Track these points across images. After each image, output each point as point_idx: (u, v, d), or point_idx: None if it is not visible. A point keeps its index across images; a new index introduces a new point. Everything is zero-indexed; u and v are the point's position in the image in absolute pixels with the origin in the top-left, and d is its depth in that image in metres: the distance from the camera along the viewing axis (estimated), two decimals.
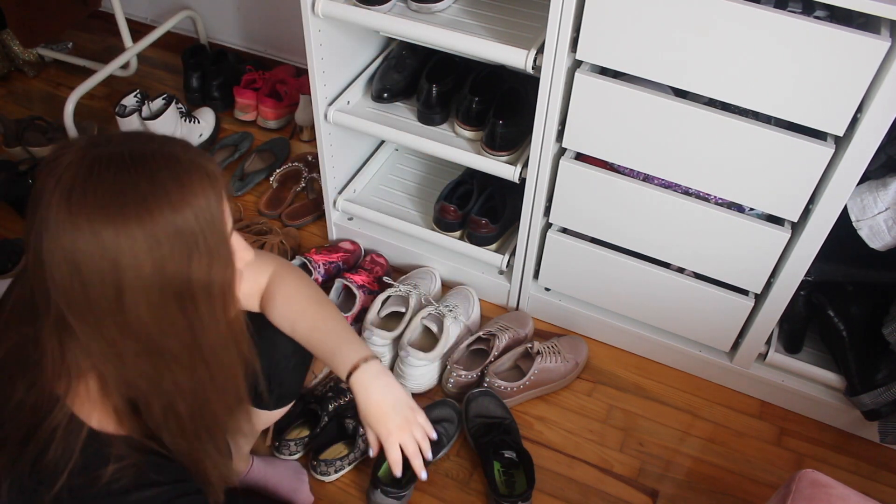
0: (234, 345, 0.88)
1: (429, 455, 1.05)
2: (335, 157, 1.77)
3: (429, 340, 1.66)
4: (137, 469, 0.82)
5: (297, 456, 1.50)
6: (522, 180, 1.53)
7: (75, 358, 0.80)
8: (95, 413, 0.82)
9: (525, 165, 1.51)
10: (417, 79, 1.67)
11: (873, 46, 1.09)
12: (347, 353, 1.04)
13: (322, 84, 1.61)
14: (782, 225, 1.37)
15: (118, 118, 2.04)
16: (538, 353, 1.60)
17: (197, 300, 0.79)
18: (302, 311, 1.07)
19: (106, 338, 0.77)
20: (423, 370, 1.60)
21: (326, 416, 1.49)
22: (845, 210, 1.32)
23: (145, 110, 2.04)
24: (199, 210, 0.76)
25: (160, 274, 0.75)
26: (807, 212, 1.32)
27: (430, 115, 1.64)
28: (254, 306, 1.10)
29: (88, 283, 0.73)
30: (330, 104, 1.65)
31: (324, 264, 1.75)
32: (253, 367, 0.95)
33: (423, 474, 1.05)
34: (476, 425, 1.51)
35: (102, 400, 0.83)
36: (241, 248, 0.87)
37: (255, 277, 1.09)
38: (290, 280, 1.10)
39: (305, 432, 1.52)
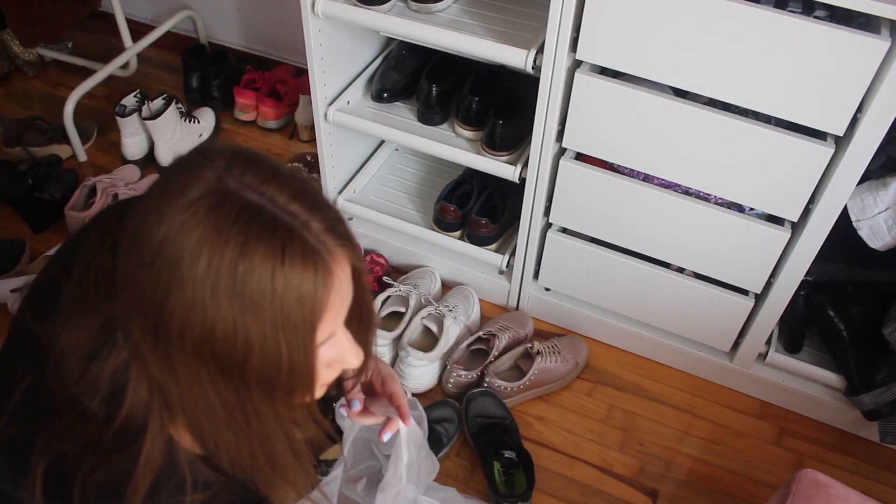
0: (294, 431, 0.77)
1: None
2: (335, 157, 1.77)
3: (429, 340, 1.66)
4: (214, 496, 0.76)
5: None
6: (522, 180, 1.53)
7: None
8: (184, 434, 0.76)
9: (525, 165, 1.51)
10: (417, 79, 1.67)
11: (873, 46, 1.09)
12: None
13: (322, 84, 1.61)
14: (782, 225, 1.37)
15: (118, 118, 2.04)
16: (538, 353, 1.60)
17: (251, 389, 0.68)
18: None
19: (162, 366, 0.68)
20: (423, 370, 1.60)
21: (331, 414, 1.49)
22: (845, 210, 1.32)
23: (145, 110, 2.04)
24: (288, 290, 0.63)
25: (209, 334, 0.64)
26: (807, 212, 1.32)
27: (430, 115, 1.64)
28: None
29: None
30: (330, 104, 1.65)
31: None
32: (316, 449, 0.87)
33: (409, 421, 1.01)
34: (476, 425, 1.51)
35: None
36: (345, 352, 0.75)
37: None
38: None
39: None
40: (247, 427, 0.71)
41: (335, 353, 0.74)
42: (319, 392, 0.77)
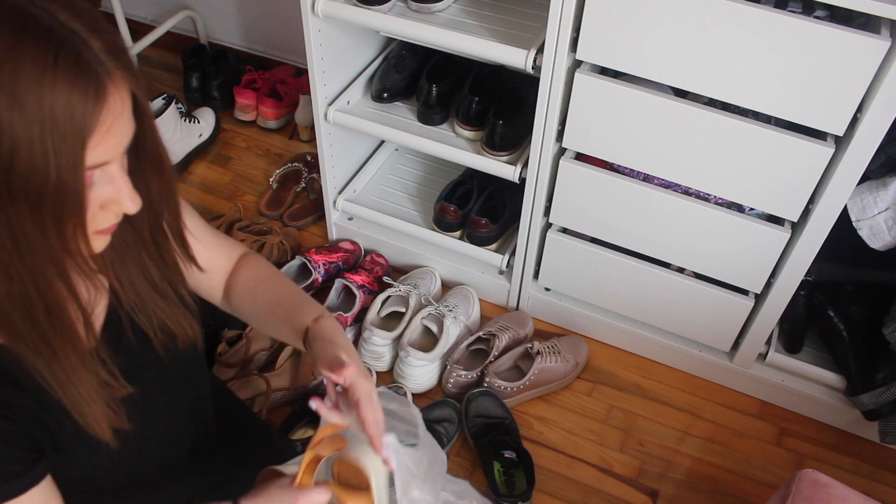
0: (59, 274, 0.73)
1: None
2: (335, 157, 1.77)
3: (429, 340, 1.66)
4: None
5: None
6: (522, 180, 1.53)
7: None
8: None
9: (525, 165, 1.51)
10: (417, 79, 1.67)
11: (873, 46, 1.09)
12: (312, 307, 1.02)
13: (322, 84, 1.61)
14: (782, 225, 1.37)
15: None
16: (538, 353, 1.60)
17: (18, 204, 0.65)
18: (267, 278, 1.08)
19: None
20: (423, 370, 1.60)
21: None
22: (845, 210, 1.32)
23: None
24: (57, 95, 0.62)
25: None
26: (807, 212, 1.32)
27: (430, 115, 1.64)
28: (218, 286, 1.09)
29: None
30: (330, 104, 1.65)
31: (324, 264, 1.75)
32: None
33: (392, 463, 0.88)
34: (476, 425, 1.51)
35: None
36: (121, 193, 0.72)
37: (226, 256, 1.09)
38: (258, 257, 1.12)
39: (311, 432, 1.51)
40: (17, 257, 0.68)
41: (110, 191, 0.71)
42: (97, 243, 0.75)
